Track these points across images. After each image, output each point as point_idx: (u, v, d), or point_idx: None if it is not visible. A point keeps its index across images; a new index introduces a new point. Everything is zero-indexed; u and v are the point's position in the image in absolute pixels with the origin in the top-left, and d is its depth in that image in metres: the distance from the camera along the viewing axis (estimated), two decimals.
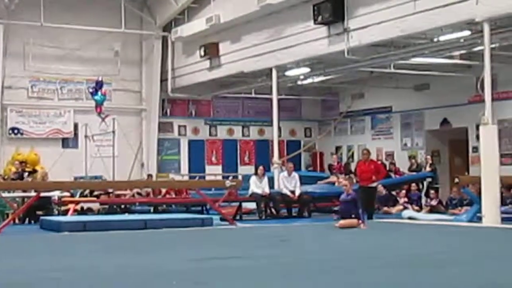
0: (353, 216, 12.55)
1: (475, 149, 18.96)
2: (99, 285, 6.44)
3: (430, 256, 8.60)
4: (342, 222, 12.33)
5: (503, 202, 15.17)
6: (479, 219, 13.86)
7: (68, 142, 22.67)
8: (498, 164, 13.99)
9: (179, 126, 24.50)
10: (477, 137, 15.95)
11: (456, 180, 16.09)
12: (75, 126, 22.60)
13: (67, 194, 17.95)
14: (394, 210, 18.68)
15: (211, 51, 21.13)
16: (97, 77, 21.01)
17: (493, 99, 13.96)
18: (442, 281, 6.50)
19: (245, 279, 6.72)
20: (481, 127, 13.91)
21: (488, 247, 9.81)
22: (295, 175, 18.03)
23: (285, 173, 18.00)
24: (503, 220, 13.62)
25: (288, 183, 17.71)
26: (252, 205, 17.84)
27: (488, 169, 13.61)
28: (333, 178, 20.72)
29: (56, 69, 22.40)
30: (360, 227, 11.98)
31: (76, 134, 22.62)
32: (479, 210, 13.96)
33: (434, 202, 18.83)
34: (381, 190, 18.99)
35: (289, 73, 20.34)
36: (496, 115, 15.22)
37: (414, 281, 6.50)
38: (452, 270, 7.31)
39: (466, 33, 15.53)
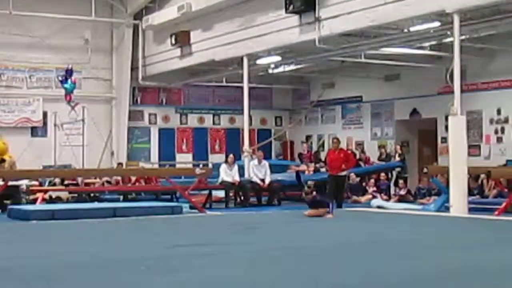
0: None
1: (444, 139, 19.13)
2: (66, 272, 6.41)
3: (396, 244, 8.68)
4: (310, 211, 12.37)
5: (470, 193, 15.35)
6: (447, 208, 14.00)
7: (37, 131, 22.48)
8: (466, 155, 14.14)
9: (150, 114, 24.41)
10: (446, 127, 16.10)
11: (425, 170, 16.25)
12: (44, 114, 22.40)
13: (36, 183, 17.81)
14: (363, 199, 18.82)
15: (182, 39, 21.05)
16: (67, 65, 20.83)
17: (462, 91, 14.08)
18: (406, 268, 6.56)
19: (214, 266, 6.74)
20: (450, 118, 14.03)
21: (454, 236, 9.91)
22: (265, 163, 18.07)
23: (256, 161, 18.04)
24: (470, 210, 13.78)
25: (258, 171, 17.75)
26: (222, 193, 17.85)
27: (456, 160, 13.74)
28: (303, 167, 20.81)
29: (25, 57, 22.16)
30: (327, 216, 12.02)
31: (45, 123, 22.43)
32: (447, 200, 14.11)
33: (402, 192, 18.99)
34: (354, 178, 19.13)
35: (260, 61, 20.34)
36: (465, 106, 15.37)
37: (380, 268, 6.55)
38: (417, 258, 7.39)
39: (436, 24, 15.63)
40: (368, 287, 5.59)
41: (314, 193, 12.52)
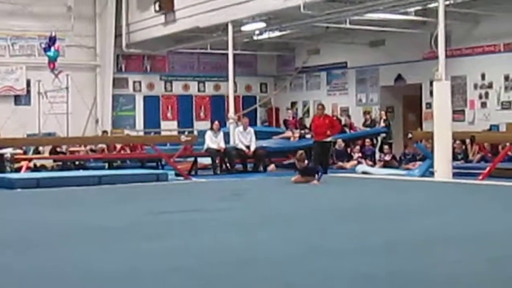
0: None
1: (429, 105, 19.16)
2: (50, 239, 6.42)
3: (381, 209, 8.74)
4: (297, 177, 12.40)
5: (454, 158, 15.43)
6: (432, 174, 14.09)
7: (20, 99, 22.30)
8: (450, 120, 14.20)
9: (134, 82, 24.27)
10: (431, 93, 16.12)
11: (409, 135, 16.30)
12: (28, 83, 22.22)
13: (20, 151, 17.73)
14: (348, 165, 18.86)
15: (166, 6, 20.86)
16: (50, 32, 20.62)
17: (446, 56, 14.08)
18: (389, 233, 6.61)
19: (200, 232, 6.77)
20: (434, 83, 14.06)
21: (437, 201, 9.99)
22: (251, 130, 18.07)
23: (241, 128, 18.03)
24: (455, 175, 13.87)
25: (243, 138, 17.75)
26: (207, 161, 17.85)
27: (440, 125, 13.80)
28: (288, 133, 20.84)
29: (7, 25, 21.89)
30: (314, 183, 12.06)
31: (28, 91, 22.25)
32: (432, 165, 14.18)
33: (387, 157, 19.06)
34: (340, 143, 19.18)
35: (245, 28, 20.21)
36: (449, 71, 15.39)
37: (363, 234, 6.60)
38: (401, 222, 7.45)
39: None
40: (353, 251, 5.63)
41: (307, 161, 12.58)
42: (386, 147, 19.45)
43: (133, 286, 4.39)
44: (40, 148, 18.86)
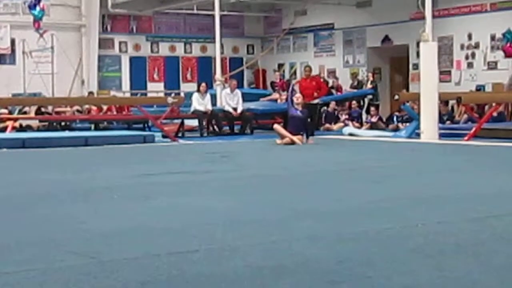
0: (301, 133, 12.70)
1: (415, 66, 19.15)
2: (37, 200, 6.41)
3: (366, 170, 8.77)
4: (281, 139, 12.42)
5: (441, 119, 15.48)
6: (418, 135, 14.14)
7: (5, 59, 22.10)
8: (437, 81, 14.22)
9: (120, 43, 24.09)
10: (418, 54, 16.11)
11: (396, 97, 16.30)
12: (12, 42, 22.00)
13: (5, 111, 17.63)
14: (335, 127, 18.89)
15: None
16: None
17: (433, 16, 14.05)
18: (375, 193, 6.65)
19: (187, 194, 6.78)
20: (421, 44, 14.04)
21: (423, 161, 10.04)
22: (238, 92, 18.01)
23: (228, 90, 17.97)
24: (441, 136, 13.94)
25: (230, 100, 17.70)
26: (194, 123, 17.82)
27: (427, 86, 13.82)
28: (275, 95, 20.80)
29: None
30: (308, 142, 12.10)
31: (13, 50, 22.03)
32: (418, 127, 14.23)
33: (374, 119, 19.09)
34: (332, 106, 19.20)
35: None
36: (436, 32, 15.36)
37: (349, 195, 6.63)
38: (385, 183, 7.49)
39: None
40: (338, 212, 5.66)
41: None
42: (372, 108, 19.46)
43: (120, 247, 4.40)
44: (26, 108, 18.76)
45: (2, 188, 7.22)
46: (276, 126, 12.88)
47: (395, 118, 18.66)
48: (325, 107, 19.06)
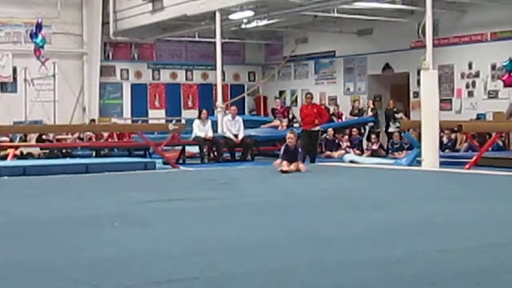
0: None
1: (416, 94, 19.21)
2: (38, 228, 6.40)
3: (368, 197, 8.76)
4: (285, 165, 12.39)
5: (442, 147, 15.49)
6: (419, 163, 14.13)
7: (6, 86, 22.18)
8: (437, 109, 14.24)
9: (122, 70, 24.19)
10: (418, 82, 16.16)
11: (397, 124, 16.33)
12: (14, 70, 22.10)
13: (6, 138, 17.66)
14: (336, 154, 18.91)
15: None
16: (37, 19, 20.49)
17: (434, 45, 14.11)
18: (376, 220, 6.64)
19: (187, 220, 6.77)
20: (422, 72, 14.09)
21: (424, 189, 10.03)
22: (239, 118, 18.06)
23: (229, 117, 18.02)
24: (442, 164, 13.92)
25: (232, 126, 17.73)
26: (195, 149, 17.83)
27: (428, 114, 13.84)
28: (276, 122, 20.84)
29: None
30: (301, 167, 12.08)
31: (15, 78, 22.13)
32: (419, 154, 14.23)
33: (375, 146, 19.11)
34: (331, 133, 19.24)
35: (233, 16, 20.17)
36: (437, 60, 15.42)
37: (350, 222, 6.62)
38: (387, 210, 7.48)
39: None
40: (339, 238, 5.65)
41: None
42: (373, 136, 19.49)
43: (121, 274, 4.39)
44: (31, 135, 18.76)
45: (1, 215, 7.20)
46: (276, 163, 12.74)
47: (390, 146, 18.70)
48: (325, 134, 19.09)
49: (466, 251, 5.10)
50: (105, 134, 19.58)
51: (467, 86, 19.33)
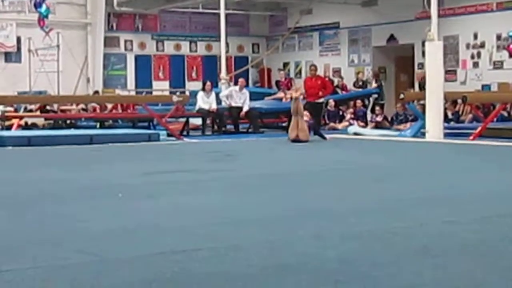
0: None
1: (421, 65, 19.12)
2: (42, 198, 6.41)
3: (373, 169, 8.76)
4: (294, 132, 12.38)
5: (446, 119, 15.44)
6: (423, 134, 14.11)
7: (11, 56, 22.12)
8: (442, 80, 14.18)
9: (126, 41, 24.08)
10: (423, 53, 16.08)
11: (401, 96, 16.27)
12: (18, 40, 22.02)
13: (11, 109, 17.64)
14: (340, 126, 18.86)
15: None
16: None
17: (439, 16, 14.01)
18: (381, 192, 6.64)
19: (192, 192, 6.77)
20: (427, 43, 14.01)
21: (428, 161, 10.01)
22: (246, 91, 18.00)
23: (237, 88, 17.99)
24: (446, 135, 13.90)
25: (238, 98, 17.69)
26: (199, 121, 17.81)
27: (432, 85, 13.79)
28: (280, 94, 20.78)
29: None
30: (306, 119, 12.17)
31: (19, 48, 22.06)
32: (423, 126, 14.20)
33: (379, 118, 19.05)
34: (332, 104, 19.18)
35: None
36: (442, 31, 15.33)
37: (355, 194, 6.62)
38: (391, 182, 7.47)
39: None
40: (344, 210, 5.65)
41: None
42: (377, 108, 19.42)
43: (125, 245, 4.40)
44: (32, 106, 18.76)
45: (6, 186, 7.22)
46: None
47: (394, 118, 18.62)
48: (327, 106, 18.97)
49: (471, 223, 5.10)
50: (109, 106, 19.53)
51: (472, 57, 19.22)
